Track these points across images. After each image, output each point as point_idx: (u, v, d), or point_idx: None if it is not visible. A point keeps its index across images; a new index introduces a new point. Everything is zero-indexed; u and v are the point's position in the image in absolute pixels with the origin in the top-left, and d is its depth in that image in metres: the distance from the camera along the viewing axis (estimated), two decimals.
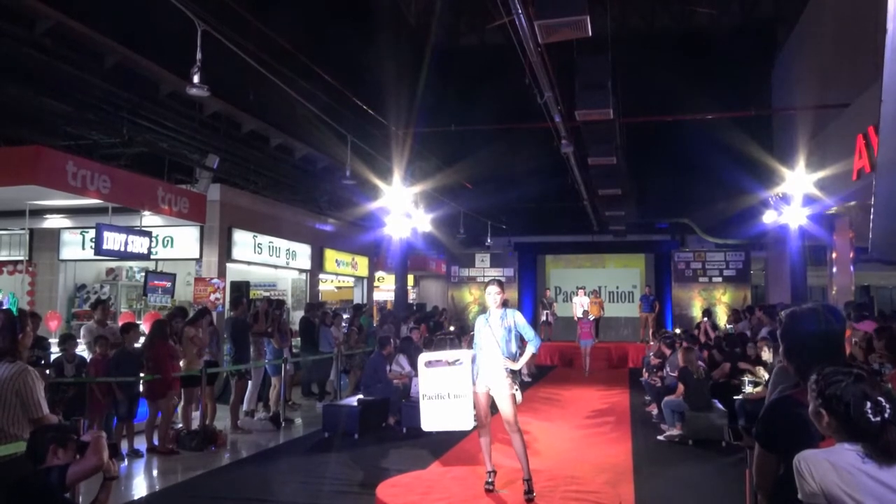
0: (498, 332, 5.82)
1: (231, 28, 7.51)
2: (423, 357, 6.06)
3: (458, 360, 5.86)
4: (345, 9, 15.26)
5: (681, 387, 8.51)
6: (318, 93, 10.44)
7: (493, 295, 5.92)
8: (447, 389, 5.79)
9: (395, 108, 13.09)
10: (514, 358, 5.81)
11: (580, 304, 18.03)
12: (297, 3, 12.87)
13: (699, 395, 8.46)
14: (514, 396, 5.70)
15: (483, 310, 6.51)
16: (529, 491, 5.63)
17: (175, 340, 8.41)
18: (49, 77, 8.53)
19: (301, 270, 15.27)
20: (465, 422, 5.76)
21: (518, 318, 5.91)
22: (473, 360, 5.87)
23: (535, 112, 10.52)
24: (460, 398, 5.74)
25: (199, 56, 6.50)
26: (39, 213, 11.70)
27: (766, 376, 8.38)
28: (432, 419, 5.89)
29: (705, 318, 15.28)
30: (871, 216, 3.27)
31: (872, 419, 1.89)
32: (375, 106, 11.81)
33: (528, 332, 5.92)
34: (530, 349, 6.02)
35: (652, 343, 14.36)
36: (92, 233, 10.43)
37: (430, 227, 16.30)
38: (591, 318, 16.77)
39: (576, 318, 17.30)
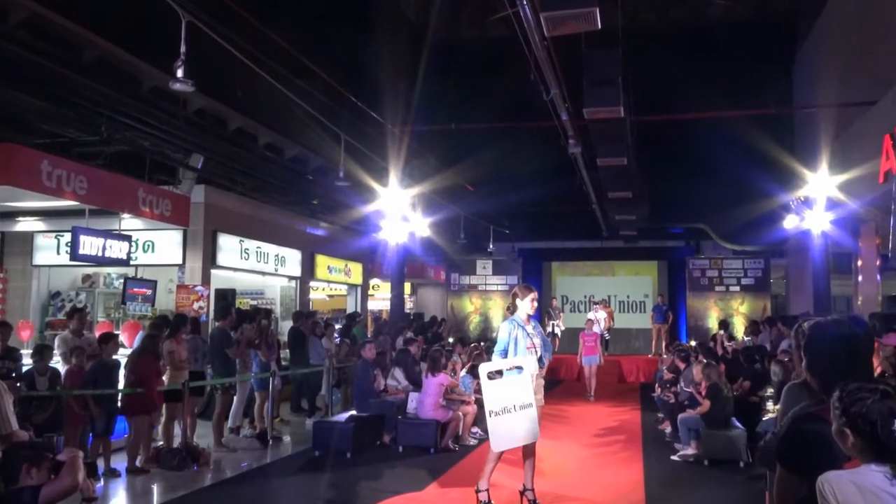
0: (538, 342, 6.10)
1: (217, 19, 7.53)
2: (484, 368, 5.98)
3: (517, 367, 5.89)
4: (339, 0, 15.31)
5: (707, 403, 8.45)
6: (310, 88, 10.45)
7: (534, 301, 6.19)
8: (513, 401, 5.71)
9: (391, 105, 13.10)
10: (543, 367, 6.21)
11: (596, 322, 16.55)
12: None
13: (721, 412, 8.44)
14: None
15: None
16: (533, 501, 5.88)
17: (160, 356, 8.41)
18: (23, 71, 8.53)
19: (291, 277, 15.27)
20: (533, 433, 5.79)
21: (540, 329, 6.36)
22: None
23: (541, 110, 10.53)
24: (527, 408, 5.74)
25: (183, 49, 6.51)
26: (11, 215, 11.71)
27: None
28: (503, 437, 5.75)
29: (721, 330, 15.27)
30: (892, 221, 3.28)
31: None
32: (371, 103, 11.82)
33: (547, 343, 6.39)
34: (547, 359, 6.37)
35: (665, 356, 14.34)
36: (67, 236, 10.43)
37: (428, 231, 16.29)
38: (598, 329, 16.42)
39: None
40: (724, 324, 16.24)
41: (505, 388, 5.76)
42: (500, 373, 5.93)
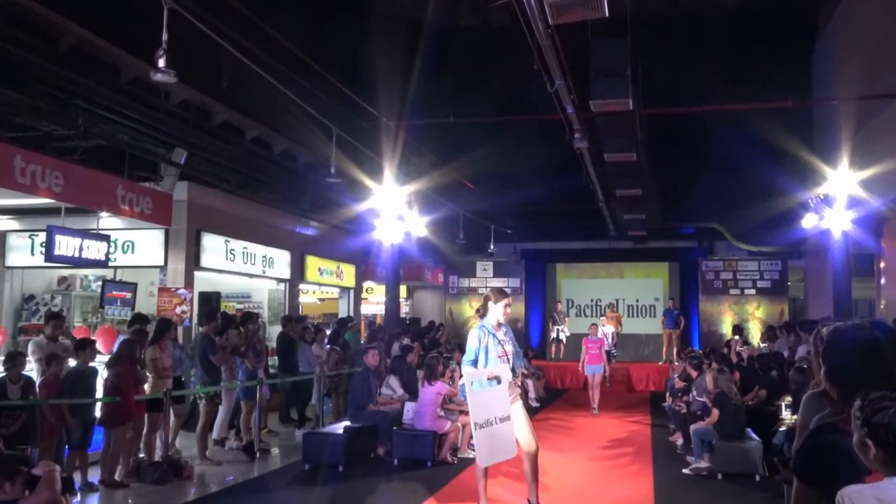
0: (509, 349, 6.09)
1: (201, 6, 7.54)
2: (469, 376, 5.94)
3: (496, 378, 5.87)
4: None
5: (715, 412, 8.48)
6: (300, 79, 10.46)
7: (507, 307, 6.22)
8: (495, 413, 5.67)
9: (386, 97, 13.11)
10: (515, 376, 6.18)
11: (604, 336, 15.77)
12: None
13: (733, 422, 8.46)
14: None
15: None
16: None
17: (142, 364, 8.42)
18: None
19: (279, 280, 15.27)
20: (512, 449, 5.79)
21: (512, 335, 6.36)
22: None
23: (545, 102, 10.55)
24: (506, 421, 5.72)
25: (164, 37, 6.51)
26: None
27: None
28: (489, 451, 5.68)
29: (735, 336, 15.29)
30: None
31: None
32: (365, 94, 11.83)
33: (519, 350, 6.47)
34: (519, 368, 6.51)
35: (676, 364, 14.35)
36: (42, 236, 10.42)
37: (425, 231, 16.29)
38: (604, 335, 16.21)
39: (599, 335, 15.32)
40: (739, 329, 16.26)
41: (488, 400, 5.73)
42: (482, 382, 5.95)
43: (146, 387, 8.40)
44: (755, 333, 18.87)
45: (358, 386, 9.82)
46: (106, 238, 10.61)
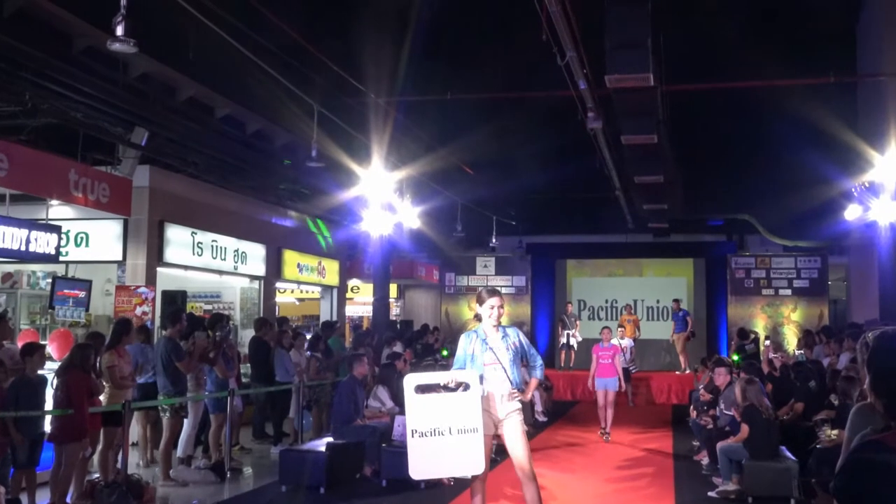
0: (503, 355, 5.92)
1: None
2: (411, 379, 5.89)
3: (464, 384, 5.80)
4: None
5: (745, 428, 8.47)
6: (277, 50, 10.44)
7: (493, 308, 6.08)
8: (449, 423, 5.63)
9: (375, 71, 13.09)
10: (520, 388, 6.00)
11: (619, 350, 14.63)
12: None
13: (766, 439, 8.46)
14: (526, 435, 5.87)
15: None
16: None
17: (97, 373, 8.39)
18: None
19: (253, 277, 15.26)
20: (473, 465, 5.71)
21: (522, 338, 6.21)
22: (481, 381, 5.93)
23: (555, 77, 10.53)
24: (469, 434, 5.65)
25: (123, 1, 6.49)
26: None
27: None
28: (424, 464, 5.69)
29: (767, 342, 15.32)
30: None
31: None
32: (350, 67, 11.80)
33: (535, 354, 6.25)
34: (538, 375, 6.29)
35: (701, 373, 14.37)
36: None
37: (418, 223, 16.30)
38: (621, 341, 16.05)
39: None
40: (774, 333, 16.30)
41: (439, 406, 5.70)
42: (444, 387, 5.86)
43: (102, 397, 8.38)
44: (791, 339, 18.91)
45: (342, 397, 9.81)
46: (56, 229, 10.58)
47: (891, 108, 13.49)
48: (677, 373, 19.00)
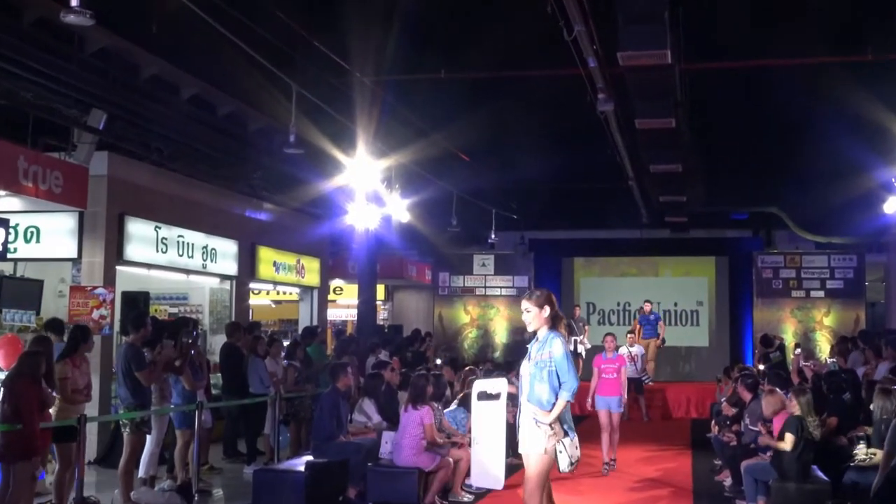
0: (526, 366, 6.04)
1: None
2: (478, 386, 6.14)
3: (497, 393, 6.02)
4: None
5: (789, 437, 8.34)
6: (250, 23, 10.42)
7: (523, 313, 6.13)
8: (482, 432, 5.97)
9: (360, 46, 13.08)
10: (542, 406, 5.85)
11: (630, 358, 15.48)
12: None
13: (799, 457, 8.45)
14: (546, 457, 5.76)
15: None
16: None
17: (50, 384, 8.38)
18: None
19: (224, 277, 15.25)
20: (491, 479, 5.86)
21: (555, 349, 5.94)
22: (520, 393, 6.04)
23: (561, 54, 10.54)
24: (485, 445, 5.85)
25: None
26: None
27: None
28: (474, 471, 6.18)
29: (797, 349, 15.37)
30: None
31: None
32: (333, 42, 11.79)
33: (563, 371, 5.93)
34: (564, 396, 5.93)
35: (724, 385, 14.41)
36: None
37: (409, 216, 16.29)
38: (631, 357, 15.98)
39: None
40: (803, 340, 16.35)
41: (480, 416, 6.09)
42: (487, 395, 6.10)
43: (52, 410, 8.37)
44: (824, 346, 18.97)
45: (324, 411, 9.82)
46: (3, 223, 10.57)
47: None
48: (704, 383, 18.88)
